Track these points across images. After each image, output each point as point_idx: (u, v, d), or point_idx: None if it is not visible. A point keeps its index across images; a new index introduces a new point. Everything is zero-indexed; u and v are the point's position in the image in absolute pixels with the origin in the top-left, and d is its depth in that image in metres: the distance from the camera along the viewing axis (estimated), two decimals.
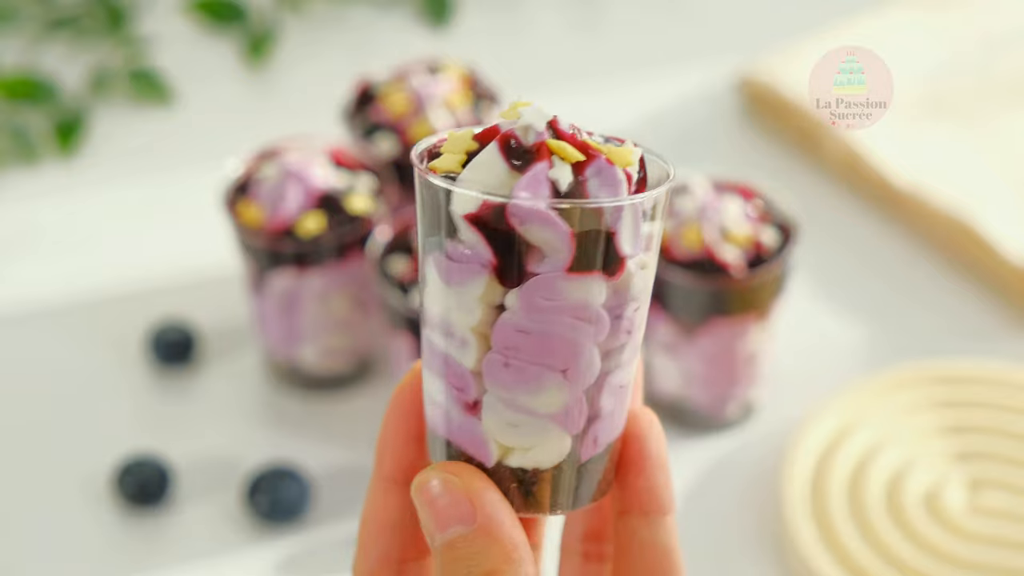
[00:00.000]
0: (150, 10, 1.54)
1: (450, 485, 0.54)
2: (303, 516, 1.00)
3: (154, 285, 1.21)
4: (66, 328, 1.18)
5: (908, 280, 1.21)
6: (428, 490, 0.54)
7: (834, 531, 0.95)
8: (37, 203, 1.32)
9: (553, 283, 0.53)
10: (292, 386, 1.11)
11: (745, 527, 1.00)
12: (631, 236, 0.54)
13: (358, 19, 1.55)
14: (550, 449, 0.56)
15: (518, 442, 0.56)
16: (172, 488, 1.02)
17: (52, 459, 1.06)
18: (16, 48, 1.48)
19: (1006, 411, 1.04)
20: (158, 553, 1.00)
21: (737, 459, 1.04)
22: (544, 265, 0.53)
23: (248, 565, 0.98)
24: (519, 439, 0.56)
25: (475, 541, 0.53)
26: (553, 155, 0.52)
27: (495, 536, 0.53)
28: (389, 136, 1.11)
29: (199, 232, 1.23)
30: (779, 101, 1.34)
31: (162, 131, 1.41)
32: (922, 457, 1.01)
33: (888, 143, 1.27)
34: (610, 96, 1.41)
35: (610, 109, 1.39)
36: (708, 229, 0.98)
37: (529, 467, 0.56)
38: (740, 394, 1.05)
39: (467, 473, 0.54)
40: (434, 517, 0.53)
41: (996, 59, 1.37)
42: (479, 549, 0.52)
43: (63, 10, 1.51)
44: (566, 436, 0.56)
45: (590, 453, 0.57)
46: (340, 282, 1.05)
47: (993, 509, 0.98)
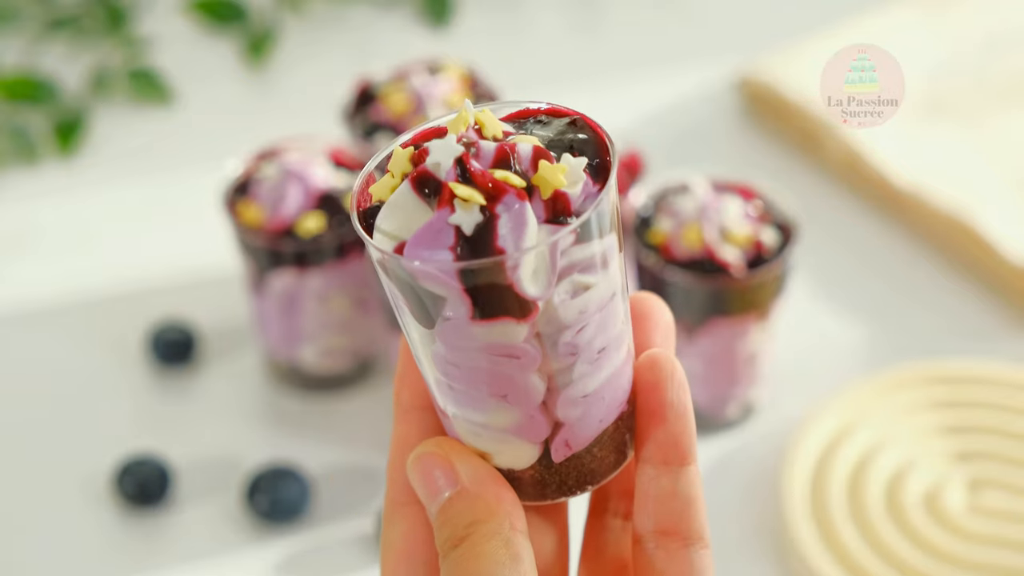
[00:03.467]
0: (150, 10, 1.54)
1: (435, 456, 0.56)
2: (303, 516, 1.00)
3: (154, 285, 1.21)
4: (66, 328, 1.18)
5: (908, 280, 1.21)
6: (418, 465, 0.56)
7: (834, 531, 0.95)
8: (37, 203, 1.32)
9: (462, 328, 0.52)
10: (292, 386, 1.11)
11: (745, 527, 1.00)
12: (539, 278, 0.51)
13: (358, 19, 1.55)
14: (518, 456, 0.56)
15: (485, 448, 0.56)
16: (172, 488, 1.02)
17: (52, 459, 1.06)
18: (16, 48, 1.48)
19: (1006, 411, 1.04)
20: (158, 553, 1.00)
21: (737, 459, 1.04)
22: (449, 311, 0.51)
23: (248, 565, 0.98)
24: (485, 445, 0.56)
25: (460, 501, 0.55)
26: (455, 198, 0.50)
27: (477, 493, 0.55)
28: (389, 136, 1.11)
29: (199, 232, 1.23)
30: (779, 101, 1.34)
31: (162, 131, 1.41)
32: (922, 457, 1.01)
33: (888, 143, 1.27)
34: (610, 96, 1.41)
35: (610, 109, 1.38)
36: (708, 229, 0.98)
37: (505, 467, 0.57)
38: (740, 394, 1.05)
39: (448, 444, 0.56)
40: (426, 487, 0.56)
41: (996, 59, 1.37)
42: (464, 507, 0.54)
43: (63, 10, 1.51)
44: (530, 445, 0.56)
45: (564, 455, 0.56)
46: (340, 282, 1.05)
47: (993, 509, 0.98)
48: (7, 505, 1.04)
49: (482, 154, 0.51)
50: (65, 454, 1.06)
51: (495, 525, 0.54)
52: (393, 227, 0.51)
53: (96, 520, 1.01)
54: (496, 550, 0.53)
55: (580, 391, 0.55)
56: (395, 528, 0.57)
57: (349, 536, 1.00)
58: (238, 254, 1.06)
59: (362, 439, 1.06)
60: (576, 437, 0.56)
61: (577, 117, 0.54)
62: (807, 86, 1.33)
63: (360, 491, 1.03)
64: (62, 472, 1.05)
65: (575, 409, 0.55)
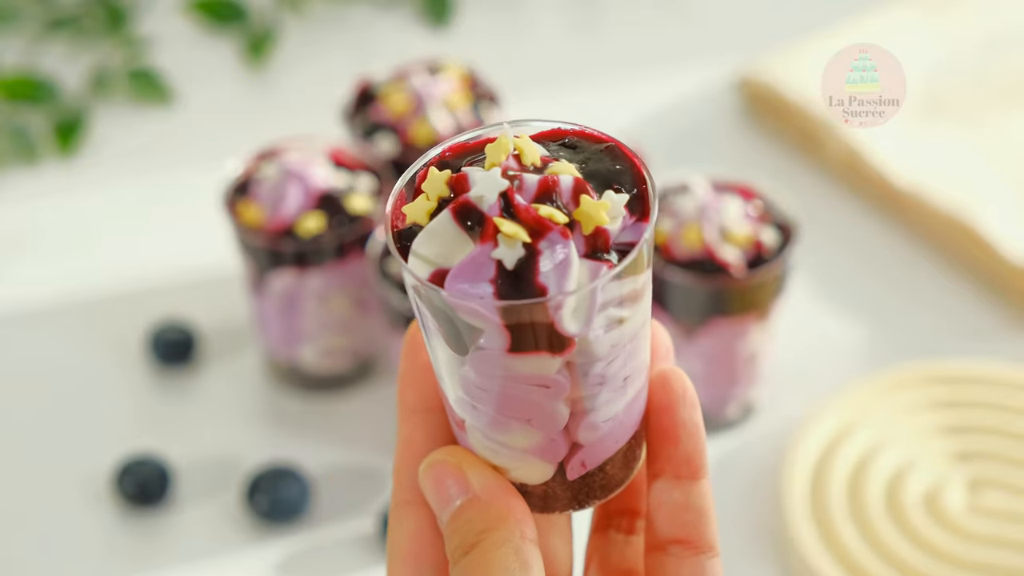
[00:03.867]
0: (150, 10, 1.54)
1: (448, 465, 0.56)
2: (303, 516, 1.00)
3: (154, 285, 1.21)
4: (66, 328, 1.18)
5: (908, 280, 1.21)
6: (430, 473, 0.56)
7: (834, 531, 0.95)
8: (37, 203, 1.32)
9: (496, 359, 0.52)
10: (292, 386, 1.11)
11: (745, 527, 0.99)
12: (579, 316, 0.51)
13: (358, 19, 1.55)
14: (532, 472, 0.57)
15: (500, 463, 0.57)
16: (172, 488, 1.02)
17: (52, 459, 1.06)
18: (16, 48, 1.48)
19: (1006, 411, 1.04)
20: (158, 553, 1.00)
21: (737, 459, 1.04)
22: (485, 342, 0.51)
23: (248, 565, 0.98)
24: (500, 461, 0.57)
25: (471, 508, 0.55)
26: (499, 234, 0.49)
27: (488, 502, 0.55)
28: (389, 136, 1.11)
29: (199, 232, 1.23)
30: (779, 101, 1.34)
31: (162, 131, 1.41)
32: (922, 457, 1.01)
33: (888, 143, 1.27)
34: (610, 96, 1.41)
35: (610, 109, 1.39)
36: (708, 229, 0.98)
37: (518, 482, 0.57)
38: (740, 394, 1.05)
39: (460, 452, 0.57)
40: (437, 495, 0.56)
41: (996, 59, 1.37)
42: (475, 515, 0.55)
43: (63, 10, 1.51)
44: (546, 464, 0.56)
45: (578, 473, 0.57)
46: (340, 282, 1.05)
47: (993, 509, 0.98)
48: (7, 505, 1.04)
49: (525, 187, 0.51)
50: (65, 454, 1.06)
51: (506, 533, 0.54)
52: (431, 254, 0.51)
53: (96, 520, 1.01)
54: (506, 557, 0.53)
55: (603, 416, 0.55)
56: (402, 527, 0.58)
57: (349, 536, 1.00)
58: (238, 254, 1.06)
59: (362, 439, 1.06)
60: (593, 457, 0.57)
61: (613, 144, 0.54)
62: (807, 86, 1.33)
63: (360, 491, 1.03)
64: (62, 472, 1.05)
65: (596, 432, 0.56)
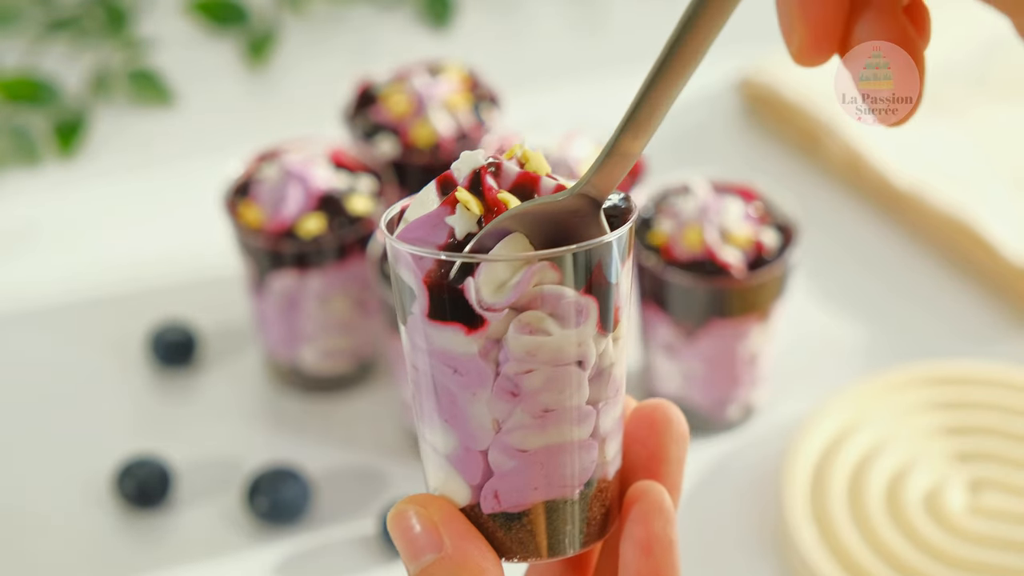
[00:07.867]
0: (150, 11, 1.54)
1: (420, 516, 0.55)
2: (303, 516, 1.00)
3: (154, 285, 1.21)
4: (66, 329, 1.18)
5: (908, 281, 1.21)
6: (400, 522, 0.55)
7: (834, 531, 0.95)
8: (37, 203, 1.32)
9: (419, 327, 0.53)
10: (292, 387, 1.11)
11: (745, 527, 1.00)
12: (497, 294, 0.51)
13: (359, 20, 1.55)
14: (455, 490, 0.56)
15: (431, 471, 0.56)
16: (173, 489, 1.02)
17: (52, 460, 1.06)
18: (17, 49, 1.48)
19: (1006, 412, 1.04)
20: (158, 554, 1.00)
21: (737, 460, 1.04)
22: (415, 307, 0.53)
23: (248, 566, 0.98)
24: (431, 469, 0.56)
25: (443, 566, 0.54)
26: (458, 203, 0.52)
27: (461, 562, 0.54)
28: (389, 137, 1.11)
29: (199, 233, 1.23)
30: (780, 102, 1.34)
31: (162, 132, 1.41)
32: (922, 457, 1.01)
33: (888, 143, 1.27)
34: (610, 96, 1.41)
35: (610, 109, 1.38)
36: (709, 230, 0.98)
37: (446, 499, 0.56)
38: (741, 395, 1.05)
39: (435, 504, 0.55)
40: (407, 547, 0.55)
41: (996, 59, 1.37)
42: (448, 574, 0.54)
43: (63, 11, 1.51)
44: (464, 483, 0.55)
45: (493, 507, 0.55)
46: (340, 283, 1.05)
47: (993, 509, 0.98)
48: (8, 505, 1.04)
49: (503, 175, 0.53)
50: (65, 455, 1.07)
51: None
52: (411, 216, 0.54)
53: (96, 521, 1.01)
54: None
55: (517, 442, 0.54)
56: None
57: (350, 537, 1.00)
58: (238, 255, 1.06)
59: (363, 440, 1.06)
60: (506, 493, 0.55)
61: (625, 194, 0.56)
62: (807, 87, 1.33)
63: (361, 492, 1.03)
64: (63, 473, 1.05)
65: (508, 461, 0.54)
